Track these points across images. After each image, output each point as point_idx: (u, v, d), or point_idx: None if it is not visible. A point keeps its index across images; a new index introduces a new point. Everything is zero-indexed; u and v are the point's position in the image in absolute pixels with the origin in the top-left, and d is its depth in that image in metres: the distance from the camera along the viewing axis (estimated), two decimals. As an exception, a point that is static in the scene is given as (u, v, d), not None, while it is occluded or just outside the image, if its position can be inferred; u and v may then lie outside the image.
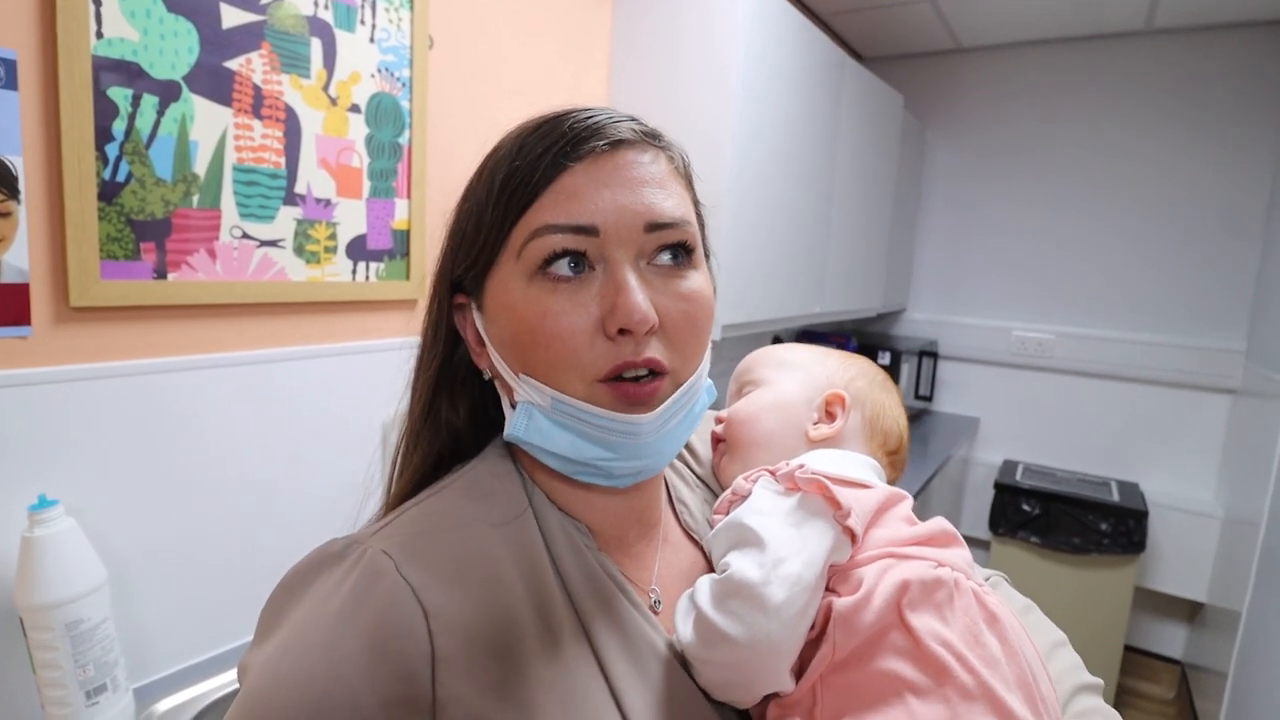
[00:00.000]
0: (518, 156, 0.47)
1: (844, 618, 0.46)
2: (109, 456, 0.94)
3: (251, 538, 1.10)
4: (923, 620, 0.46)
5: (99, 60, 0.88)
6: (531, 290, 0.46)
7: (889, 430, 0.63)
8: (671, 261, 0.48)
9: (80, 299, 0.89)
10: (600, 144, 0.47)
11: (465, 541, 0.46)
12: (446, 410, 0.54)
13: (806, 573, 0.46)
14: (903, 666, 0.45)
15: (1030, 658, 0.48)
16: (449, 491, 0.50)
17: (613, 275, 0.46)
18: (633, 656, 0.47)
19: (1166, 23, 2.49)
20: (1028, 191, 2.86)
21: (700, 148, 1.64)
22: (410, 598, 0.41)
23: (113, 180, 0.91)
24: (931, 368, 3.01)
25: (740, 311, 1.76)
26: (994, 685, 0.43)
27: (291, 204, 1.10)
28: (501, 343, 0.49)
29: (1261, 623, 1.85)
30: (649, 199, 0.47)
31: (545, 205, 0.46)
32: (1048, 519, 2.52)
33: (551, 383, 0.47)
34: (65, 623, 0.83)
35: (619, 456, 0.48)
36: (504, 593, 0.44)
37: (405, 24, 1.24)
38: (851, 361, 0.66)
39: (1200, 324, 2.59)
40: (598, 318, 0.45)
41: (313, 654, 0.39)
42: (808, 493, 0.50)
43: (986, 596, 0.49)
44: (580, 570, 0.48)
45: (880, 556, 0.49)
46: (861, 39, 2.88)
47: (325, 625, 0.40)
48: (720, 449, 0.64)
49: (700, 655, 0.47)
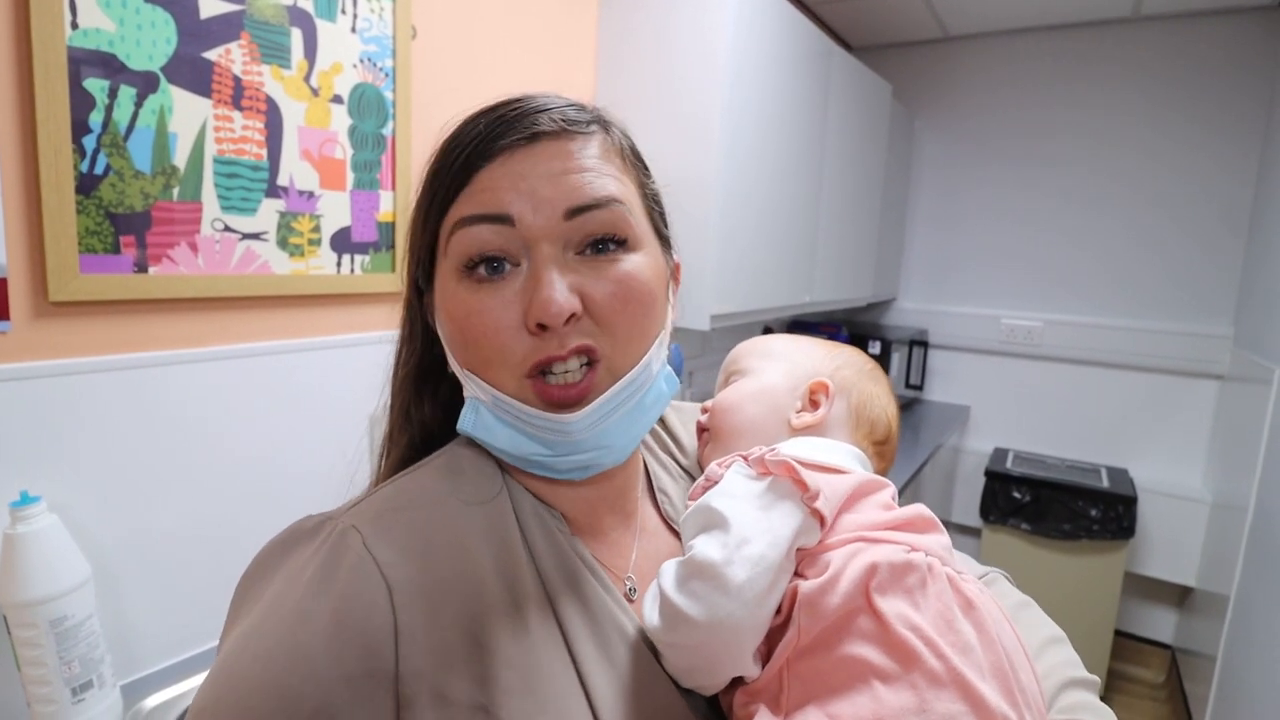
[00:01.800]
0: (441, 158, 0.49)
1: (809, 601, 0.45)
2: (92, 452, 0.93)
3: (238, 532, 1.09)
4: (891, 604, 0.45)
5: (74, 51, 0.87)
6: (460, 289, 0.47)
7: (876, 419, 0.62)
8: (601, 253, 0.47)
9: (59, 294, 0.88)
10: (517, 138, 0.46)
11: (435, 517, 0.46)
12: (427, 407, 0.55)
13: (770, 553, 0.45)
14: (869, 651, 0.44)
15: (1010, 647, 0.46)
16: (425, 470, 0.50)
17: (533, 268, 0.46)
18: (601, 639, 0.47)
19: (1153, 9, 2.49)
20: (1016, 180, 2.86)
21: (688, 137, 1.63)
22: (375, 572, 0.41)
23: (90, 173, 0.90)
24: (922, 357, 3.02)
25: (730, 302, 1.75)
26: (965, 672, 0.42)
27: (274, 196, 1.09)
28: (448, 340, 0.50)
29: (1249, 606, 1.87)
30: (569, 185, 0.46)
31: (463, 201, 0.47)
32: (1038, 506, 2.53)
33: (487, 379, 0.48)
34: (49, 619, 0.82)
35: (556, 453, 0.48)
36: (471, 568, 0.44)
37: (387, 14, 1.23)
38: (839, 351, 0.66)
39: (1188, 310, 2.60)
40: (520, 313, 0.45)
41: (280, 629, 0.39)
42: (777, 475, 0.50)
43: (964, 583, 0.48)
44: (552, 552, 0.48)
45: (850, 540, 0.48)
46: (849, 28, 2.87)
47: (293, 600, 0.40)
48: (704, 438, 0.64)
49: (663, 638, 0.46)
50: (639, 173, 0.53)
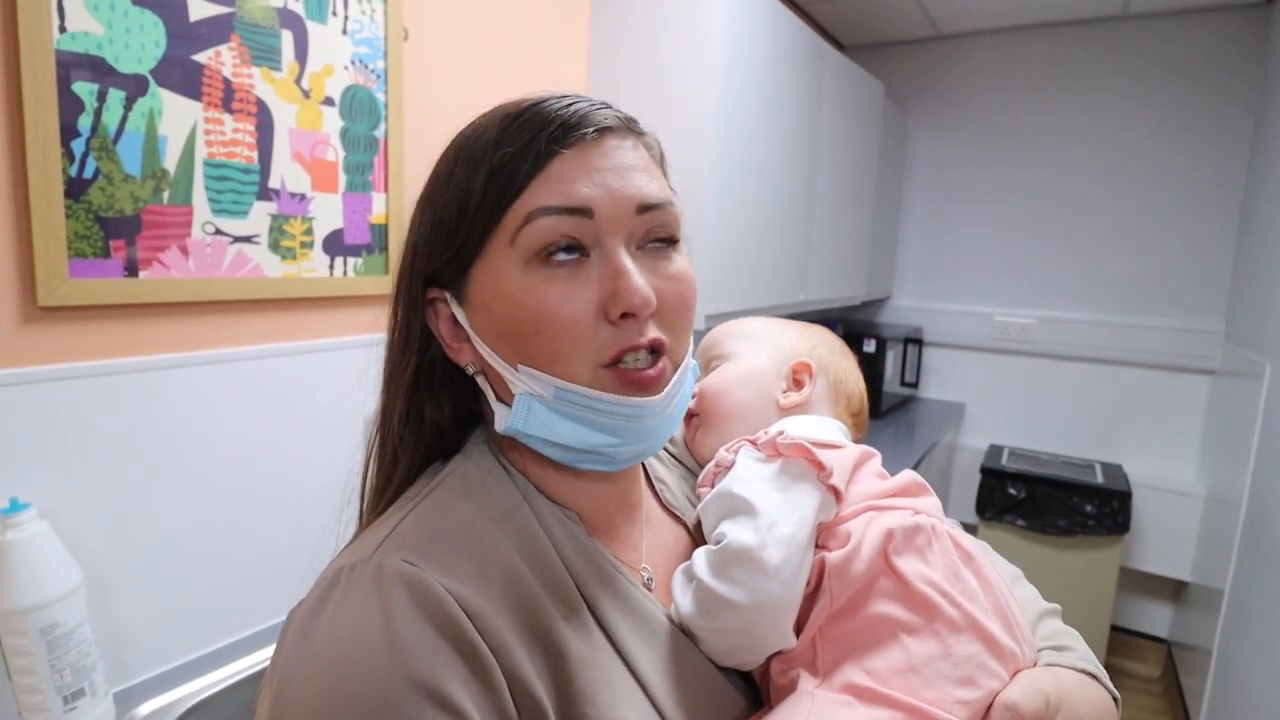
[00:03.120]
0: (504, 143, 0.47)
1: (838, 569, 0.49)
2: (82, 457, 0.92)
3: (232, 537, 1.08)
4: (908, 564, 0.49)
5: (62, 55, 0.86)
6: (529, 278, 0.46)
7: (851, 393, 0.66)
8: (659, 249, 0.50)
9: (48, 298, 0.87)
10: (588, 131, 0.47)
11: (472, 539, 0.45)
12: (431, 411, 0.53)
13: (799, 533, 0.49)
14: (894, 609, 0.48)
15: (1001, 589, 0.52)
16: (441, 493, 0.49)
17: (610, 259, 0.46)
18: (642, 632, 0.48)
19: (1143, 7, 2.50)
20: (1009, 177, 2.87)
21: (681, 137, 1.63)
22: (449, 598, 0.40)
23: (79, 177, 0.89)
24: (916, 355, 3.02)
25: (724, 301, 1.75)
26: (977, 615, 0.48)
27: (265, 199, 1.09)
28: (494, 333, 0.48)
29: (1244, 600, 1.88)
30: (638, 183, 0.48)
31: (537, 190, 0.46)
32: (1033, 502, 2.54)
33: (553, 371, 0.46)
34: (40, 627, 0.81)
35: (624, 441, 0.49)
36: (521, 582, 0.45)
37: (379, 15, 1.23)
38: (811, 331, 0.69)
39: (1179, 306, 2.61)
40: (597, 303, 0.46)
41: (376, 666, 0.37)
42: (789, 457, 0.53)
43: (960, 538, 0.53)
44: (579, 556, 0.49)
45: (862, 510, 0.52)
46: (841, 27, 2.88)
47: (375, 643, 0.38)
48: (694, 423, 0.65)
49: (705, 624, 0.49)
50: (669, 179, 0.55)
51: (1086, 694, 0.50)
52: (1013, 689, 0.46)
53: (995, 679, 0.46)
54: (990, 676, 0.46)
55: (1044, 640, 0.55)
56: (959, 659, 0.46)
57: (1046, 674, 0.49)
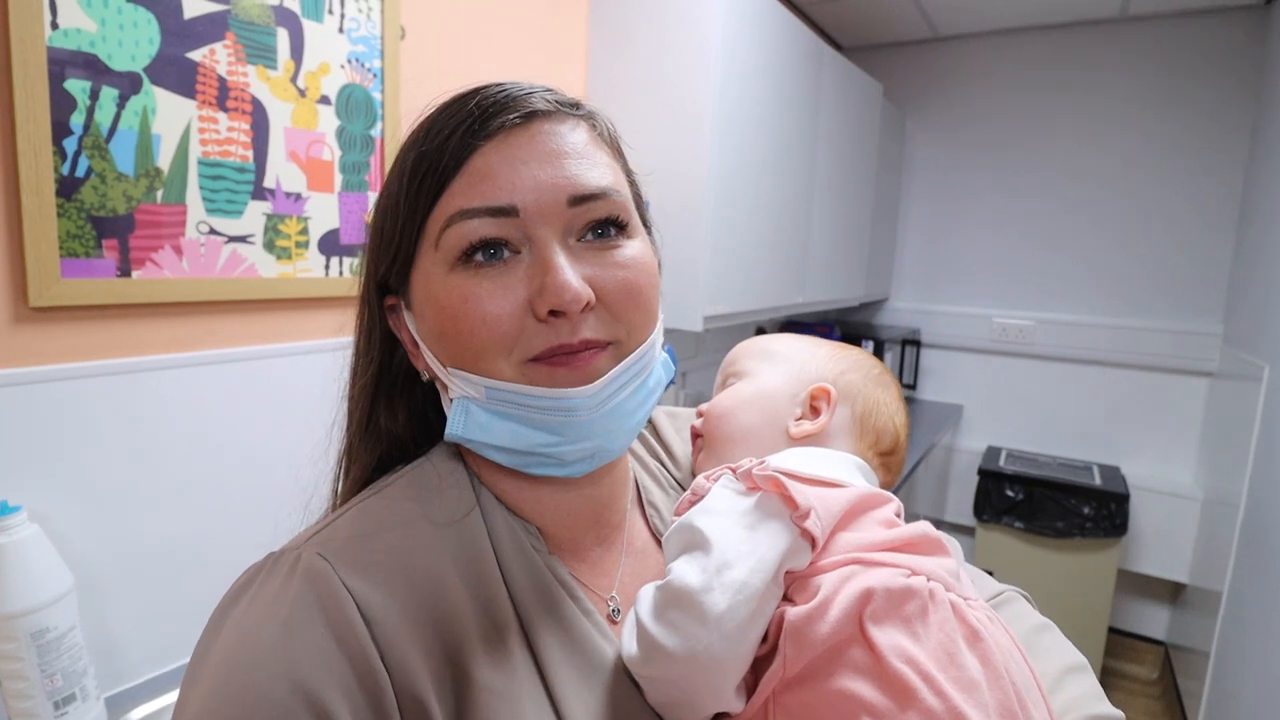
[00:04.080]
0: (425, 140, 0.45)
1: (796, 629, 0.42)
2: (74, 460, 0.91)
3: (225, 539, 1.07)
4: (887, 635, 0.41)
5: (55, 52, 0.85)
6: (453, 279, 0.44)
7: (882, 429, 0.58)
8: (602, 237, 0.46)
9: (40, 299, 0.86)
10: (512, 118, 0.44)
11: (405, 541, 0.44)
12: (385, 419, 0.52)
13: (753, 579, 0.42)
14: (862, 686, 0.40)
15: (1021, 683, 0.43)
16: (390, 490, 0.48)
17: (539, 255, 0.43)
18: (579, 667, 0.44)
19: (1141, 9, 2.50)
20: (1007, 179, 2.87)
21: (679, 139, 1.63)
22: (350, 603, 0.39)
23: (71, 176, 0.88)
24: (915, 356, 3.02)
25: (722, 303, 1.75)
26: (966, 712, 0.39)
27: (260, 198, 1.08)
28: (429, 337, 0.47)
29: (1241, 602, 1.88)
30: (570, 170, 0.44)
31: (457, 190, 0.43)
32: (1031, 504, 2.53)
33: (480, 370, 0.44)
34: (30, 632, 0.80)
35: (565, 439, 0.45)
36: (445, 594, 0.42)
37: (375, 14, 1.22)
38: (845, 353, 0.62)
39: (1177, 308, 2.61)
40: (524, 300, 0.43)
41: (257, 671, 0.36)
42: (765, 491, 0.46)
43: (968, 611, 0.44)
44: (527, 573, 0.46)
45: (845, 563, 0.44)
46: (840, 28, 2.87)
47: (269, 638, 0.37)
48: (698, 445, 0.61)
49: (641, 671, 0.44)
50: (624, 160, 0.52)
51: None
52: None
53: None
54: None
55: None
56: None
57: None
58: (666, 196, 1.65)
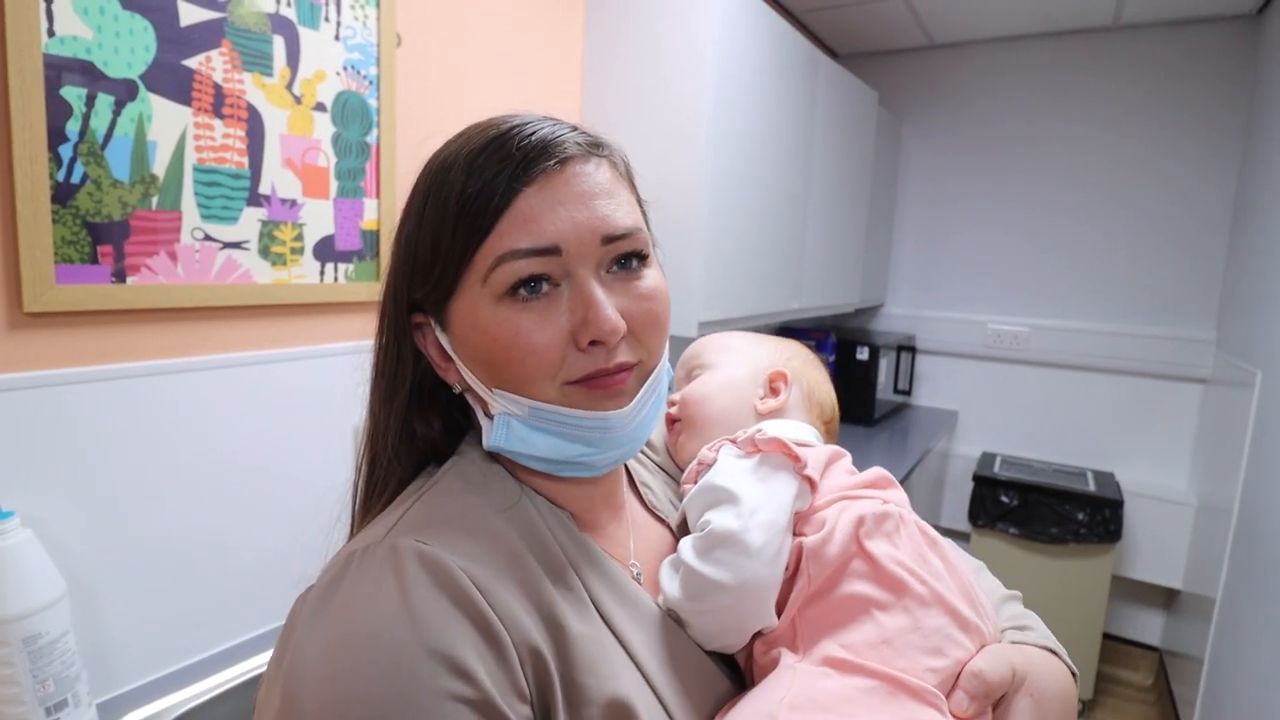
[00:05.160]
0: (469, 181, 0.48)
1: (814, 552, 0.52)
2: (68, 465, 0.91)
3: (219, 544, 1.07)
4: (878, 546, 0.53)
5: (51, 59, 0.86)
6: (501, 311, 0.48)
7: (823, 402, 0.71)
8: (625, 268, 0.51)
9: (34, 304, 0.87)
10: (550, 163, 0.48)
11: (479, 525, 0.48)
12: (422, 427, 0.55)
13: (779, 517, 0.52)
14: (866, 587, 0.51)
15: (965, 572, 0.56)
16: (443, 486, 0.52)
17: (580, 290, 0.48)
18: (633, 616, 0.51)
19: (1134, 18, 2.52)
20: (1001, 186, 2.89)
21: (675, 146, 1.63)
22: (460, 573, 0.43)
23: (67, 182, 0.89)
24: (910, 362, 3.03)
25: (718, 308, 1.75)
26: (944, 592, 0.52)
27: (256, 205, 1.08)
28: (473, 361, 0.51)
29: (1235, 608, 1.88)
30: (603, 212, 0.49)
31: (505, 231, 0.47)
32: (1026, 510, 2.54)
33: (525, 393, 0.49)
34: (23, 638, 0.80)
35: (599, 450, 0.51)
36: (524, 565, 0.47)
37: (371, 21, 1.22)
38: (785, 344, 0.75)
39: (1171, 315, 2.63)
40: (568, 331, 0.48)
41: (393, 635, 0.39)
42: (768, 452, 0.57)
43: (925, 527, 0.58)
44: (574, 545, 0.52)
45: (835, 500, 0.56)
46: (836, 36, 2.89)
47: (392, 609, 0.40)
48: (676, 428, 0.70)
49: (692, 608, 0.52)
50: (637, 191, 0.57)
51: (1050, 669, 0.54)
52: (980, 659, 0.50)
53: (962, 650, 0.50)
54: (957, 647, 0.50)
55: (1007, 621, 0.59)
56: (928, 631, 0.50)
57: (1012, 648, 0.54)
58: (663, 202, 1.65)
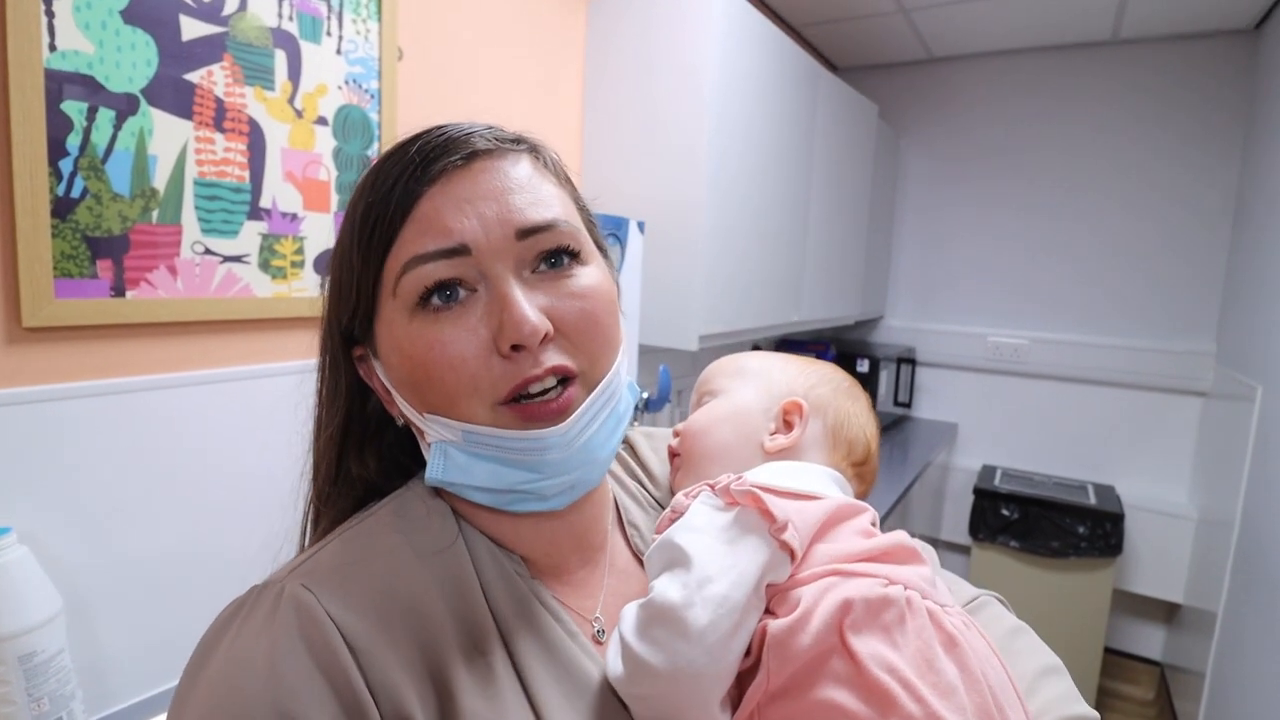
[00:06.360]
0: (371, 191, 0.46)
1: (778, 641, 0.43)
2: (66, 481, 0.91)
3: (216, 561, 1.07)
4: (867, 644, 0.42)
5: (52, 73, 0.86)
6: (414, 325, 0.44)
7: (854, 439, 0.59)
8: (555, 267, 0.46)
9: (33, 319, 0.86)
10: (453, 159, 0.45)
11: (389, 570, 0.44)
12: (356, 467, 0.52)
13: (734, 593, 0.43)
14: (843, 696, 0.41)
15: (997, 686, 0.44)
16: (373, 521, 0.48)
17: (495, 291, 0.44)
18: (565, 688, 0.45)
19: (1132, 33, 2.53)
20: (1000, 199, 2.89)
21: (675, 159, 1.64)
22: (335, 633, 0.39)
23: (67, 196, 0.88)
24: (910, 374, 3.03)
25: (718, 322, 1.75)
26: (946, 716, 0.40)
27: (256, 219, 1.08)
28: (401, 385, 0.47)
29: (1237, 622, 1.87)
30: (516, 204, 0.45)
31: (408, 237, 0.44)
32: (1026, 523, 2.53)
33: (455, 414, 0.45)
34: (18, 655, 0.79)
35: (544, 475, 0.46)
36: (430, 621, 0.43)
37: (373, 35, 1.23)
38: (814, 368, 0.63)
39: (1171, 328, 2.63)
40: (488, 338, 0.44)
41: (252, 691, 0.37)
42: (743, 506, 0.47)
43: (945, 618, 0.45)
44: (511, 599, 0.46)
45: (824, 574, 0.45)
46: (835, 50, 2.90)
47: (257, 670, 0.38)
48: (676, 463, 0.62)
49: (627, 690, 0.44)
50: (572, 188, 0.52)
51: None
52: None
53: None
54: None
55: None
56: None
57: None
58: (663, 217, 1.66)
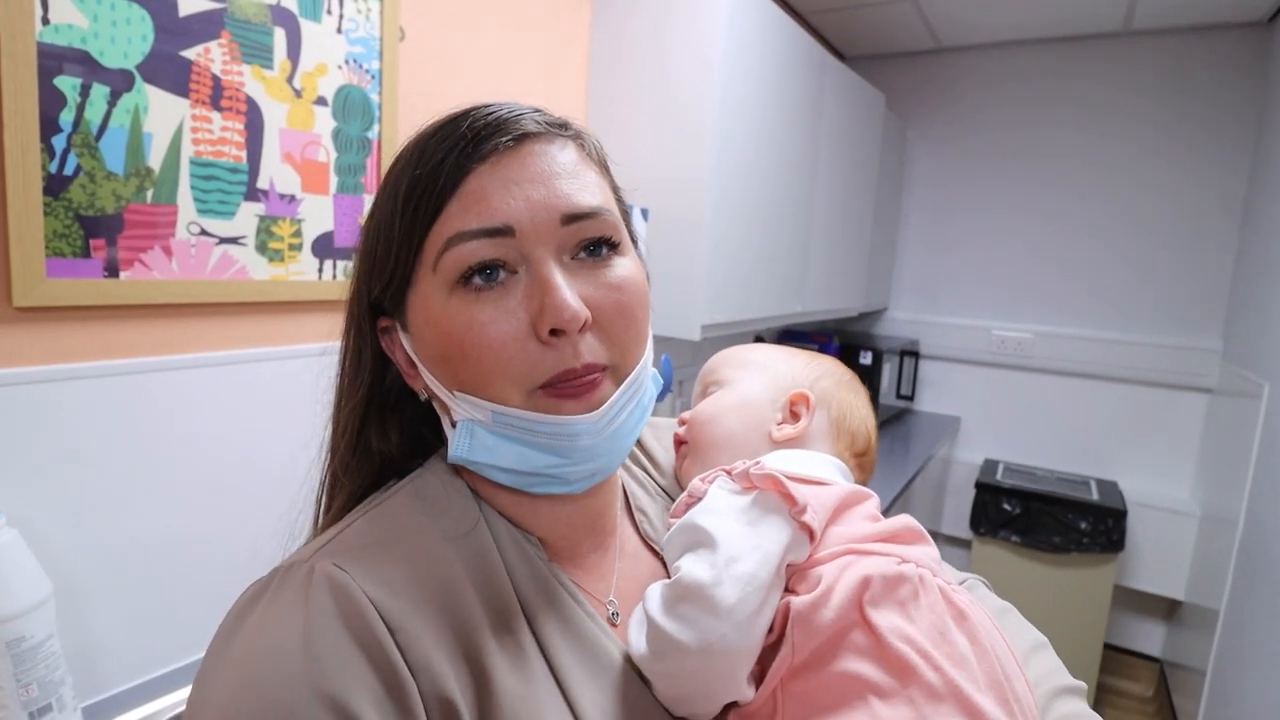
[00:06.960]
0: (418, 164, 0.45)
1: (802, 617, 0.44)
2: (56, 463, 0.89)
3: (211, 546, 1.05)
4: (885, 617, 0.44)
5: (45, 48, 0.84)
6: (454, 303, 0.44)
7: (856, 431, 0.61)
8: (594, 255, 0.46)
9: (24, 299, 0.85)
10: (504, 140, 0.45)
11: (417, 551, 0.44)
12: (377, 440, 0.51)
13: (760, 571, 0.44)
14: (865, 667, 0.43)
15: (1003, 657, 0.46)
16: (395, 502, 0.48)
17: (536, 275, 0.44)
18: (589, 668, 0.45)
19: (1144, 24, 2.50)
20: (1007, 191, 2.87)
21: (681, 146, 1.61)
22: (372, 610, 0.39)
23: (59, 174, 0.86)
24: (913, 367, 3.01)
25: (721, 312, 1.73)
26: (962, 684, 0.42)
27: (253, 200, 1.06)
28: (431, 361, 0.47)
29: (1239, 620, 1.86)
30: (563, 190, 0.45)
31: (454, 212, 0.44)
32: (1028, 518, 2.52)
33: (487, 395, 0.44)
34: (6, 641, 0.78)
35: (571, 461, 0.46)
36: (460, 601, 0.43)
37: (374, 14, 1.20)
38: (818, 361, 0.65)
39: (1177, 324, 2.61)
40: (527, 322, 0.43)
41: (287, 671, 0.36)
42: (763, 489, 0.49)
43: (954, 594, 0.48)
44: (533, 581, 0.47)
45: (841, 554, 0.47)
46: (843, 38, 2.87)
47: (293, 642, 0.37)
48: (682, 451, 0.63)
49: (653, 667, 0.45)
50: (611, 179, 0.53)
51: None
52: None
53: None
54: None
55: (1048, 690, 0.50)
56: None
57: None
58: (667, 204, 1.64)
